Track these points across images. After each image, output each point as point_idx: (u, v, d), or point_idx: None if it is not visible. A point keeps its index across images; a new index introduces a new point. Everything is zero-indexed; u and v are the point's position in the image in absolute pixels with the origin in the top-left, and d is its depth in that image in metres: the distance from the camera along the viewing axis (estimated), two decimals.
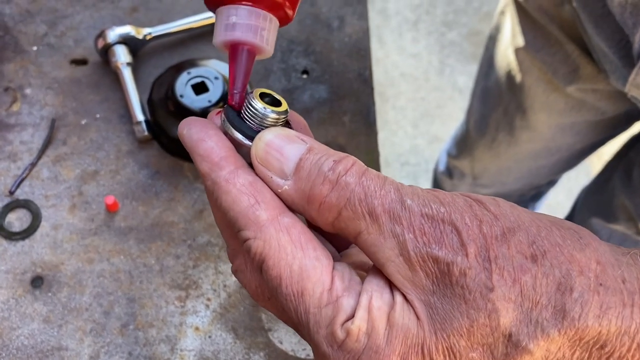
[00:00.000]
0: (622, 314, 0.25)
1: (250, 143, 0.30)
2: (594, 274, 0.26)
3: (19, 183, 0.58)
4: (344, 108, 0.65)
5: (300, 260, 0.27)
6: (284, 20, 0.33)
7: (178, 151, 0.60)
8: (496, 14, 0.87)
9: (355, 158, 0.28)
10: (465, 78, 1.90)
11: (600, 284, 0.26)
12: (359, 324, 0.26)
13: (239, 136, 0.30)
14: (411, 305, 0.27)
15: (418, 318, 0.26)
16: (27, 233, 0.56)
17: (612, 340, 0.25)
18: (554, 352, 0.26)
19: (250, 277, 0.31)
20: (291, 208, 0.29)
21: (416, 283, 0.27)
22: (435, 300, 0.26)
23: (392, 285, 0.27)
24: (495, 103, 0.91)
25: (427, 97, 1.88)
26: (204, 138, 0.30)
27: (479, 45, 1.94)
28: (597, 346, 0.26)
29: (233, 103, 0.31)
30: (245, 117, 0.31)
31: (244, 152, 0.30)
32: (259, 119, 0.30)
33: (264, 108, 0.30)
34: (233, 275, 0.55)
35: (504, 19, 0.84)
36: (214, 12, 0.33)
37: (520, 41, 0.79)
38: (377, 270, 0.28)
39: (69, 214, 0.57)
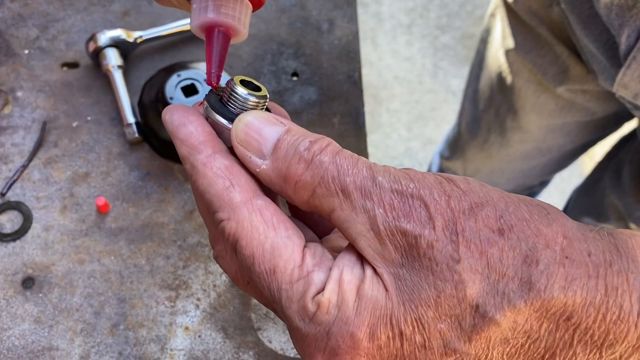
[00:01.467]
0: (587, 285, 0.26)
1: (230, 126, 0.31)
2: (559, 247, 0.26)
3: (10, 185, 0.59)
4: (333, 110, 0.65)
5: (272, 239, 0.28)
6: (256, 5, 0.34)
7: (168, 153, 0.61)
8: (486, 16, 0.88)
9: (330, 139, 0.29)
10: (459, 81, 1.91)
11: (566, 257, 0.26)
12: (329, 296, 0.27)
13: (219, 119, 0.31)
14: (380, 278, 0.27)
15: (387, 290, 0.27)
16: (18, 234, 0.56)
17: (578, 311, 0.26)
18: (521, 323, 0.26)
19: (230, 262, 0.32)
20: (269, 188, 0.30)
21: (385, 256, 0.27)
22: (404, 272, 0.27)
23: (363, 261, 0.28)
24: (487, 105, 0.92)
25: (421, 100, 1.89)
26: (185, 123, 0.31)
27: (472, 49, 1.95)
28: (564, 317, 0.26)
29: (212, 83, 0.32)
30: (227, 101, 0.31)
31: (225, 137, 0.31)
32: (240, 103, 0.31)
33: (245, 92, 0.31)
34: (223, 275, 0.56)
35: (494, 21, 0.85)
36: (190, 2, 0.34)
37: (510, 43, 0.80)
38: (350, 247, 0.29)
39: (60, 216, 0.58)
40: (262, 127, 0.30)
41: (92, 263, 0.56)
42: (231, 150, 0.31)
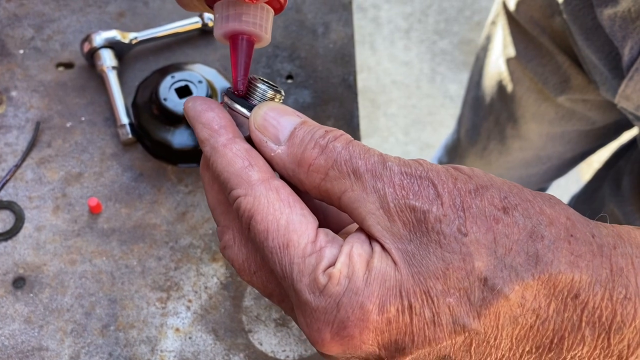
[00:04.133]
0: (593, 263, 0.26)
1: (249, 113, 0.32)
2: (563, 226, 0.27)
3: (3, 184, 0.58)
4: (327, 112, 0.65)
5: (287, 215, 0.29)
6: (277, 10, 0.35)
7: (162, 154, 0.61)
8: (487, 24, 0.88)
9: (345, 133, 0.31)
10: (456, 86, 1.91)
11: (571, 235, 0.27)
12: (340, 267, 0.27)
13: (239, 107, 0.33)
14: (389, 254, 0.28)
15: (395, 264, 0.27)
16: (10, 234, 0.56)
17: (585, 288, 0.26)
18: (529, 300, 0.26)
19: (237, 251, 0.32)
20: (280, 174, 0.32)
21: (394, 232, 0.28)
22: (412, 247, 0.27)
23: (371, 240, 0.29)
24: (487, 112, 0.92)
25: (419, 105, 1.89)
26: (207, 110, 0.32)
27: (470, 54, 1.96)
28: (572, 295, 0.26)
29: (237, 90, 0.34)
30: (246, 94, 0.34)
31: (244, 130, 0.33)
32: (259, 94, 0.33)
33: (264, 84, 0.33)
34: (214, 277, 0.56)
35: (495, 29, 0.85)
36: (212, 9, 0.34)
37: (511, 51, 0.80)
38: (358, 230, 0.30)
39: (52, 216, 0.58)
40: (280, 116, 0.31)
41: (83, 263, 0.56)
42: (249, 141, 0.32)
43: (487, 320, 0.26)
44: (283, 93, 0.34)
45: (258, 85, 0.33)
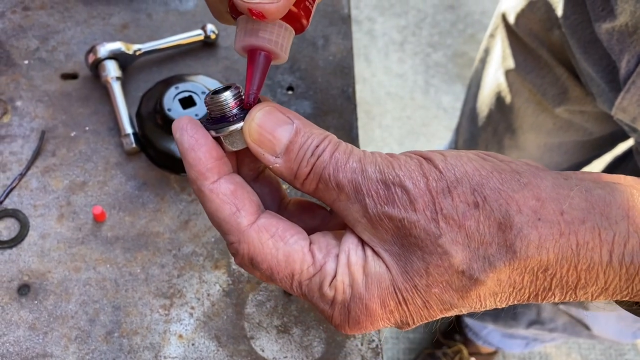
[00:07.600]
0: (559, 242, 0.30)
1: (240, 125, 0.33)
2: (532, 210, 0.30)
3: (8, 193, 0.59)
4: (327, 123, 0.67)
5: (282, 249, 0.33)
6: (299, 29, 0.36)
7: (165, 163, 0.62)
8: (485, 37, 0.90)
9: (332, 137, 0.33)
10: (450, 98, 1.93)
11: (539, 219, 0.30)
12: (341, 279, 0.32)
13: (231, 128, 0.34)
14: (379, 256, 0.32)
15: (387, 266, 0.32)
16: (14, 242, 0.57)
17: (553, 264, 0.30)
18: (504, 280, 0.31)
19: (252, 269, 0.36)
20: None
21: (380, 237, 0.32)
22: (397, 249, 0.31)
23: (363, 243, 0.33)
24: (485, 123, 0.94)
25: (413, 116, 1.91)
26: (194, 147, 0.34)
27: (463, 66, 1.98)
28: (541, 270, 0.30)
29: (249, 103, 0.35)
30: (212, 115, 0.35)
31: (233, 139, 0.34)
32: (227, 105, 0.34)
33: (222, 93, 0.34)
34: (217, 284, 0.57)
35: (493, 41, 0.87)
36: (236, 20, 0.35)
37: (510, 63, 0.81)
38: (351, 231, 0.34)
39: (56, 224, 0.59)
40: (275, 129, 0.33)
41: (87, 271, 0.57)
42: (231, 154, 0.35)
43: (469, 300, 0.31)
44: (232, 85, 0.35)
45: (221, 98, 0.34)
